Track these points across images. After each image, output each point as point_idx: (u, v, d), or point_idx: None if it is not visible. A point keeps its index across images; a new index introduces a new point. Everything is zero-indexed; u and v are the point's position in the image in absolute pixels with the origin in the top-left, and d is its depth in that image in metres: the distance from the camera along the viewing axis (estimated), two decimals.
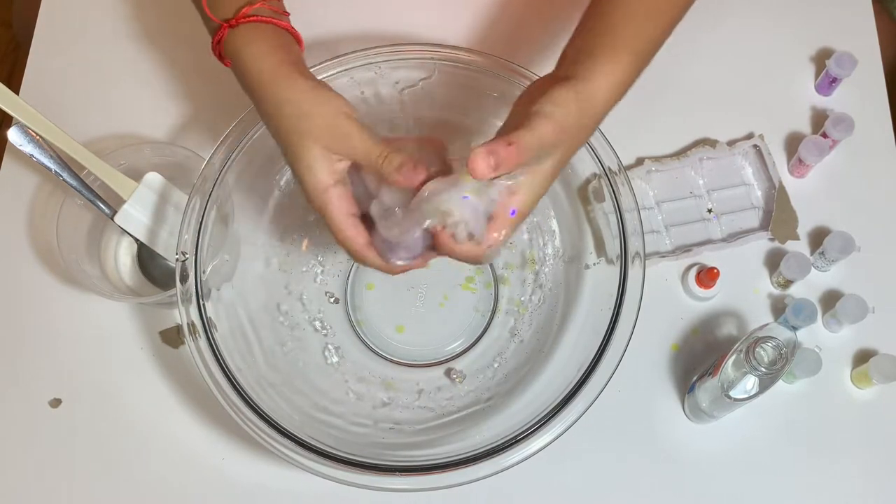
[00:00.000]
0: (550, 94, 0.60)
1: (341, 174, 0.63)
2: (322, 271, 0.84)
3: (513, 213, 0.61)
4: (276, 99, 0.62)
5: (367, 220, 0.64)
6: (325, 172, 0.62)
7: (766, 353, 0.65)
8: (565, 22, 0.72)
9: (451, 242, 0.61)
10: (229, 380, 0.68)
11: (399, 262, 0.63)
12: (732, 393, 0.68)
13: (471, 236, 0.60)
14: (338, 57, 0.76)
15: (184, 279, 0.70)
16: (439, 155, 0.64)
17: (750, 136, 0.87)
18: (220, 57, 0.67)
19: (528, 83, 0.74)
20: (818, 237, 0.83)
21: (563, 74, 0.62)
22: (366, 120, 0.81)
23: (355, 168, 0.64)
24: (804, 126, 0.88)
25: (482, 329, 0.82)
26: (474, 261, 0.62)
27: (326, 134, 0.61)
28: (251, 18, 0.64)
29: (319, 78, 0.75)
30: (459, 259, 0.62)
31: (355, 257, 0.64)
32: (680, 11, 0.68)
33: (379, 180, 0.63)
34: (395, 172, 0.60)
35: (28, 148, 0.76)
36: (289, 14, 0.67)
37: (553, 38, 0.89)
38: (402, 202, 0.62)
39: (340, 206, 0.62)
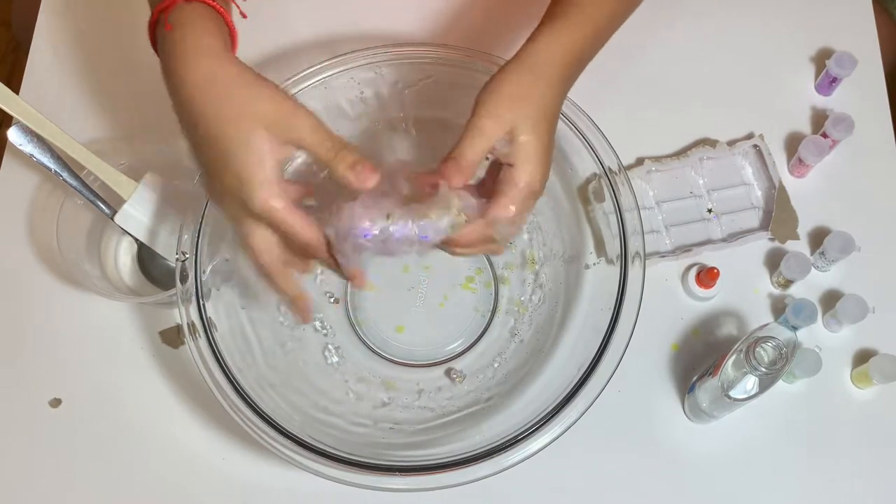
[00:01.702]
0: (489, 83, 0.62)
1: (283, 166, 0.58)
2: (322, 271, 0.84)
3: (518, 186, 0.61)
4: (222, 77, 0.57)
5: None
6: (272, 164, 0.57)
7: (766, 353, 0.65)
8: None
9: (462, 237, 0.61)
10: (229, 380, 0.68)
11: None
12: (732, 393, 0.68)
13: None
14: (338, 57, 0.76)
15: (184, 279, 0.70)
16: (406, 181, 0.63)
17: (750, 136, 0.87)
18: (153, 26, 0.62)
19: None
20: (818, 237, 0.83)
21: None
22: (366, 120, 0.82)
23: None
24: (804, 126, 0.88)
25: (482, 329, 0.82)
26: (493, 249, 0.63)
27: (276, 120, 0.56)
28: (206, 1, 0.60)
29: (319, 78, 0.76)
30: (477, 251, 0.63)
31: (316, 250, 0.60)
32: None
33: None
34: (347, 170, 0.57)
35: (28, 148, 0.76)
36: (245, 16, 0.65)
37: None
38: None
39: (289, 201, 0.58)
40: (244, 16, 0.65)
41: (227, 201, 0.59)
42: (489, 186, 0.64)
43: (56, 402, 0.79)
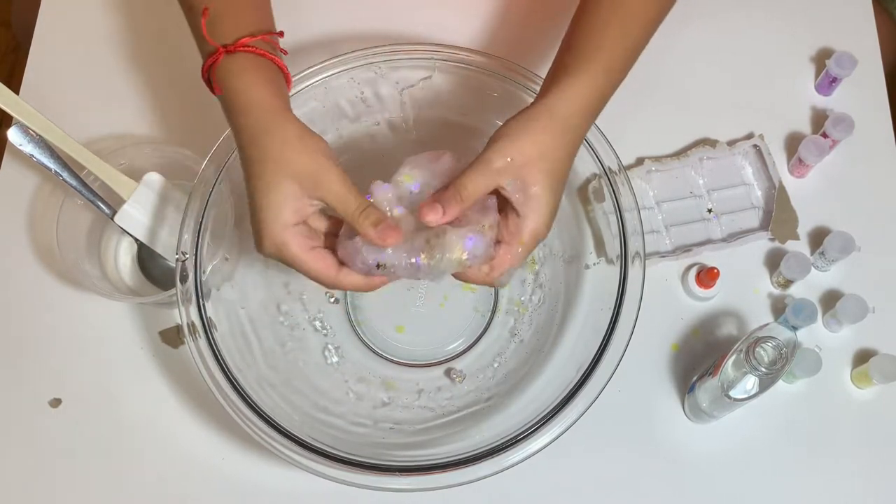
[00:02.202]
0: (511, 123, 0.62)
1: (304, 217, 0.62)
2: None
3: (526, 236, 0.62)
4: (263, 127, 0.61)
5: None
6: (291, 211, 0.61)
7: (766, 353, 0.65)
8: (564, 21, 0.72)
9: (466, 275, 0.63)
10: (229, 380, 0.68)
11: (379, 271, 0.61)
12: (732, 393, 0.68)
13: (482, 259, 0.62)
14: (338, 57, 0.76)
15: (184, 279, 0.70)
16: (451, 169, 0.64)
17: (750, 136, 0.87)
18: (208, 82, 0.66)
19: (528, 82, 0.74)
20: (818, 237, 0.83)
21: (536, 98, 0.64)
22: (366, 120, 0.82)
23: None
24: (804, 126, 0.88)
25: (482, 329, 0.82)
26: (490, 285, 0.64)
27: (308, 174, 0.60)
28: (249, 49, 0.63)
29: (319, 77, 0.76)
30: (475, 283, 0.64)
31: (330, 286, 0.63)
32: (652, 25, 0.68)
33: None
34: (370, 228, 0.60)
35: (28, 148, 0.76)
36: (286, 53, 0.67)
37: (552, 37, 0.89)
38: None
39: (301, 243, 0.61)
40: (284, 52, 0.68)
41: (255, 239, 0.63)
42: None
43: (56, 402, 0.79)
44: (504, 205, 0.63)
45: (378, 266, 0.61)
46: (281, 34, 0.68)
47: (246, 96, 0.62)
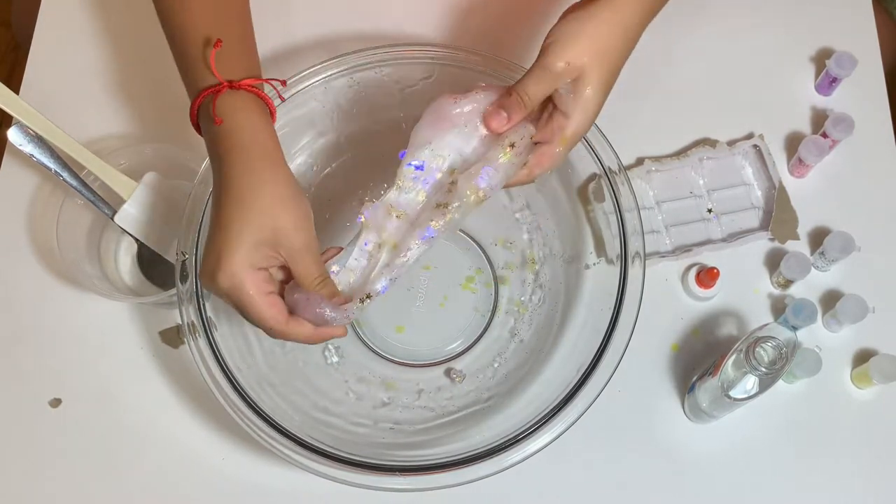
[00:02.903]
0: (568, 21, 0.61)
1: (269, 266, 0.61)
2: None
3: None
4: (261, 175, 0.60)
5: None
6: (262, 256, 0.59)
7: (766, 353, 0.65)
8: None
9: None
10: (229, 380, 0.68)
11: (331, 319, 0.61)
12: (732, 393, 0.68)
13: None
14: (338, 57, 0.76)
15: (184, 279, 0.70)
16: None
17: (750, 136, 0.87)
18: (195, 111, 0.64)
19: None
20: (818, 237, 0.83)
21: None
22: (366, 119, 0.82)
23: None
24: (804, 126, 0.88)
25: (482, 329, 0.82)
26: (529, 182, 0.64)
27: (288, 234, 0.60)
28: (253, 89, 0.63)
29: (319, 78, 0.76)
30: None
31: (279, 335, 0.61)
32: None
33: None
34: (324, 293, 0.61)
35: (28, 148, 0.76)
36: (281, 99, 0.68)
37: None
38: None
39: (260, 287, 0.60)
40: (282, 99, 0.68)
41: (206, 268, 0.61)
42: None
43: (56, 402, 0.79)
44: (547, 102, 0.63)
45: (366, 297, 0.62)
46: (283, 83, 0.68)
47: (250, 135, 0.62)
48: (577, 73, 0.61)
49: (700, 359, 0.80)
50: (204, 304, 0.69)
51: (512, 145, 0.62)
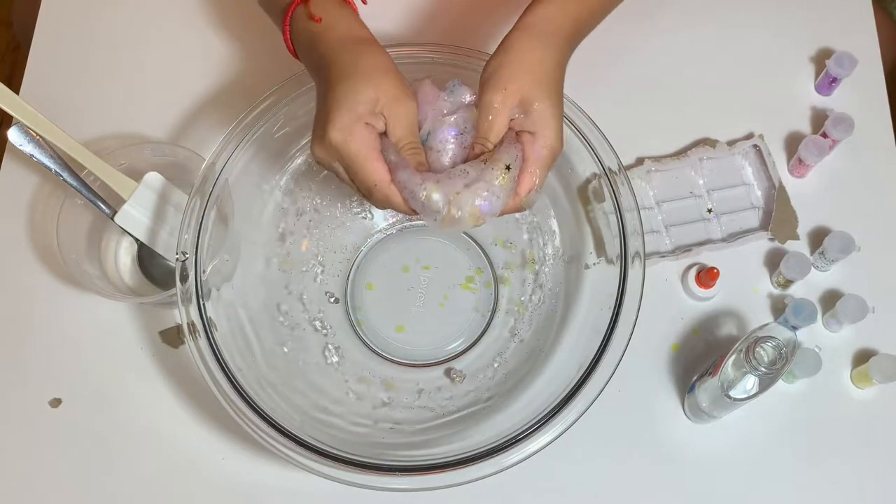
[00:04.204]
0: (493, 57, 0.65)
1: (373, 123, 0.63)
2: (322, 271, 0.84)
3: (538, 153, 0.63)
4: (365, 50, 0.64)
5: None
6: (366, 109, 0.62)
7: (766, 353, 0.65)
8: None
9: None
10: (229, 380, 0.68)
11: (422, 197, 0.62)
12: (732, 393, 0.68)
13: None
14: None
15: (184, 279, 0.70)
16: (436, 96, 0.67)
17: (750, 136, 0.87)
18: (288, 32, 0.68)
19: None
20: (818, 237, 0.83)
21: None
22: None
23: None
24: (804, 126, 0.88)
25: (482, 329, 0.82)
26: (519, 210, 0.65)
27: (391, 97, 0.62)
28: None
29: None
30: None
31: (380, 193, 0.62)
32: None
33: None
34: (412, 161, 0.63)
35: (28, 148, 0.76)
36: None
37: None
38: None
39: (367, 141, 0.62)
40: (364, 2, 0.70)
41: (317, 132, 0.63)
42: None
43: (56, 402, 0.79)
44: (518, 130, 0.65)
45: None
46: None
47: (346, 25, 0.66)
48: (518, 96, 0.63)
49: (700, 359, 0.80)
50: (204, 304, 0.69)
51: (507, 167, 0.62)
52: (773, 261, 0.83)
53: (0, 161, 0.87)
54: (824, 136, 0.84)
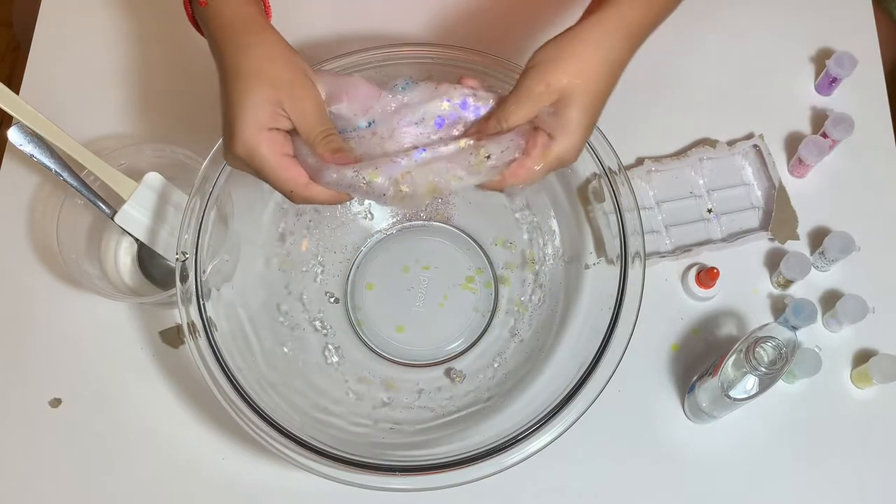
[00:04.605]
0: (549, 46, 0.61)
1: (277, 126, 0.61)
2: (322, 271, 0.84)
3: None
4: (248, 41, 0.61)
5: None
6: (266, 114, 0.59)
7: (766, 353, 0.65)
8: (564, 20, 0.72)
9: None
10: (229, 380, 0.68)
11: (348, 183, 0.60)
12: (732, 393, 0.68)
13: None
14: (338, 57, 0.76)
15: (184, 279, 0.70)
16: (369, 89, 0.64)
17: (750, 136, 0.87)
18: (190, 11, 0.65)
19: None
20: (818, 237, 0.83)
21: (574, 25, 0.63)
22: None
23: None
24: (804, 126, 0.88)
25: (482, 329, 0.82)
26: (499, 190, 0.63)
27: (286, 88, 0.60)
28: None
29: None
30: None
31: (298, 198, 0.61)
32: None
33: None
34: (328, 153, 0.60)
35: (28, 148, 0.76)
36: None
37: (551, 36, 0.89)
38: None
39: (273, 148, 0.60)
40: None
41: (224, 144, 0.62)
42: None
43: (56, 402, 0.79)
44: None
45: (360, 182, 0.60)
46: None
47: (232, 10, 0.62)
48: (557, 96, 0.60)
49: (700, 359, 0.80)
50: (204, 304, 0.69)
51: (488, 157, 0.61)
52: (773, 261, 0.83)
53: (0, 161, 0.87)
54: (824, 136, 0.84)
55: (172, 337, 0.81)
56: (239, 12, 0.62)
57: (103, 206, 0.79)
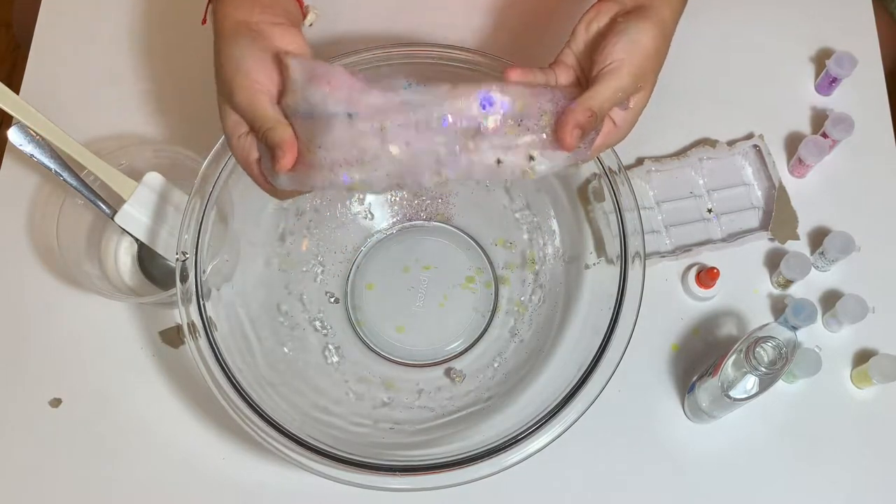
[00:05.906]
0: (626, 31, 0.61)
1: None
2: (322, 271, 0.84)
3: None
4: (220, 58, 0.62)
5: None
6: (232, 121, 0.60)
7: (766, 353, 0.65)
8: (566, 21, 0.72)
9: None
10: (229, 380, 0.68)
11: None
12: (732, 393, 0.68)
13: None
14: (338, 57, 0.76)
15: (184, 279, 0.70)
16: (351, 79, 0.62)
17: (750, 136, 0.87)
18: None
19: None
20: (818, 237, 0.83)
21: (634, 5, 0.63)
22: None
23: None
24: (804, 126, 0.88)
25: (482, 329, 0.82)
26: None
27: (230, 82, 0.60)
28: None
29: None
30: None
31: (256, 178, 0.61)
32: None
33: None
34: (273, 144, 0.58)
35: (28, 148, 0.76)
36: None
37: (554, 37, 0.89)
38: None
39: (233, 128, 0.60)
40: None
41: (218, 92, 0.62)
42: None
43: (56, 402, 0.79)
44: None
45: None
46: None
47: (219, 21, 0.63)
48: (640, 83, 0.62)
49: (700, 359, 0.80)
50: (204, 304, 0.69)
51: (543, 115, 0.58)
52: (773, 261, 0.83)
53: (0, 161, 0.87)
54: (824, 136, 0.84)
55: (172, 337, 0.81)
56: (224, 20, 0.63)
57: (103, 206, 0.79)
